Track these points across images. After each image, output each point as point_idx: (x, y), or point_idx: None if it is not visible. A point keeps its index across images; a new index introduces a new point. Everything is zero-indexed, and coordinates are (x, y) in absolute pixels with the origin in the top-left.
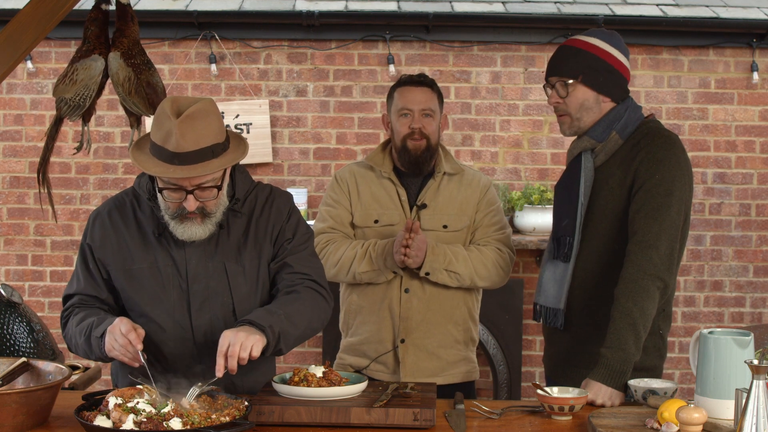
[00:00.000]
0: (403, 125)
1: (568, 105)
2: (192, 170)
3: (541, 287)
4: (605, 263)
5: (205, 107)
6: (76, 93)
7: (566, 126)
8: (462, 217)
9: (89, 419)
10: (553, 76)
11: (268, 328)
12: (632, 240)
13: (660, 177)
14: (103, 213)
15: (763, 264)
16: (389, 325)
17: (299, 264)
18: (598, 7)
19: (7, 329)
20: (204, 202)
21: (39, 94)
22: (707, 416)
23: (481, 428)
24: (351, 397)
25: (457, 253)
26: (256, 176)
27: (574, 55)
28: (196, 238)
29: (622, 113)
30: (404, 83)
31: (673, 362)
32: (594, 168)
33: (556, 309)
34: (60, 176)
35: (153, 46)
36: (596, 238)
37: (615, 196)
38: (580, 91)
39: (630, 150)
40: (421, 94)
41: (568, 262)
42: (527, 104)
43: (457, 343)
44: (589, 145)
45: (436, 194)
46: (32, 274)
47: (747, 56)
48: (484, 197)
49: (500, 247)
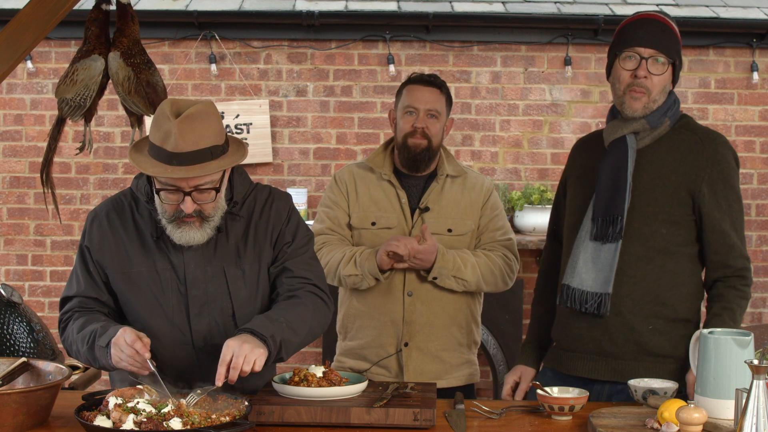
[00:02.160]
0: (406, 123)
1: (655, 84)
2: (190, 171)
3: (574, 270)
4: (650, 248)
5: (204, 109)
6: (76, 93)
7: (641, 104)
8: (466, 221)
9: (89, 419)
10: (650, 49)
11: (270, 338)
12: (732, 253)
13: (732, 182)
14: (101, 215)
15: (763, 264)
16: (391, 329)
17: (299, 268)
18: (598, 7)
19: (7, 329)
20: (201, 205)
21: (39, 94)
22: (707, 416)
23: (481, 428)
24: (351, 397)
25: (466, 260)
26: (256, 176)
27: (671, 36)
28: (194, 243)
29: (674, 102)
30: (414, 81)
31: None
32: (636, 149)
33: (600, 293)
34: (60, 176)
35: (153, 46)
36: (641, 220)
37: (668, 182)
38: (668, 75)
39: (684, 140)
40: (429, 94)
41: (616, 242)
42: (527, 104)
43: (460, 346)
44: (640, 128)
45: (439, 197)
46: (32, 274)
47: (747, 56)
48: (488, 201)
49: (507, 254)
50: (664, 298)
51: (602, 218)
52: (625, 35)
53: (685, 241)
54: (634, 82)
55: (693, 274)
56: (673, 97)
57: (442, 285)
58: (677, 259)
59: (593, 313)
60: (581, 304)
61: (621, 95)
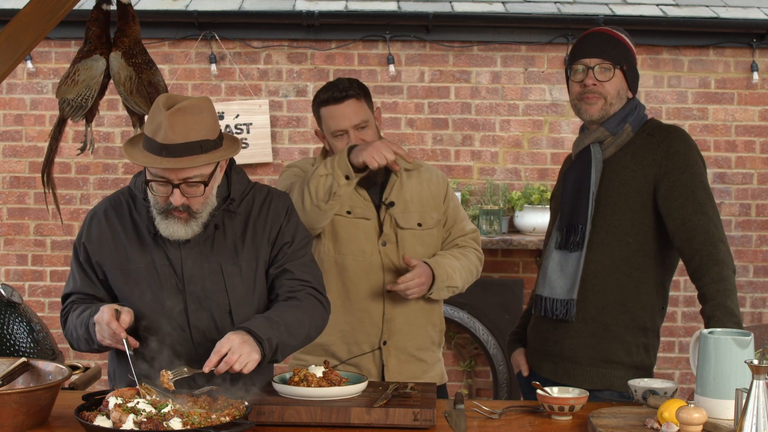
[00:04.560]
0: (342, 145)
1: (607, 89)
2: (178, 162)
3: (545, 278)
4: (617, 256)
5: (198, 103)
6: (78, 93)
7: (597, 108)
8: (433, 213)
9: (89, 419)
10: (593, 58)
11: (266, 341)
12: (696, 238)
13: (692, 170)
14: (99, 213)
15: (763, 264)
16: (368, 325)
17: (299, 270)
18: (598, 7)
19: (7, 329)
20: (189, 199)
21: (39, 94)
22: (707, 416)
23: (481, 428)
24: (351, 397)
25: (453, 267)
26: (256, 176)
27: (615, 44)
28: (178, 238)
29: (634, 108)
30: (327, 102)
31: (673, 362)
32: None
33: (567, 300)
34: (60, 176)
35: (153, 46)
36: (607, 229)
37: (630, 188)
38: (619, 80)
39: (643, 143)
40: (348, 108)
41: (579, 251)
42: (527, 104)
43: (433, 344)
44: (601, 136)
45: (400, 191)
46: (32, 274)
47: (747, 56)
48: (448, 192)
49: (477, 248)
50: (628, 306)
51: (566, 228)
52: (573, 51)
53: (653, 249)
54: (585, 90)
55: (658, 283)
56: (634, 103)
57: (437, 297)
58: (643, 269)
59: (562, 319)
60: (552, 311)
61: (576, 104)
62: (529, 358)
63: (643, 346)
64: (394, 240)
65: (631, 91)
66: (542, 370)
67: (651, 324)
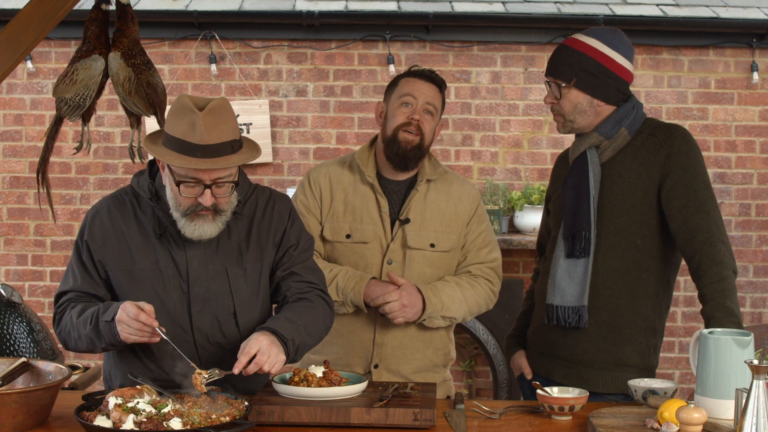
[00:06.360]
0: (401, 114)
1: (562, 107)
2: (215, 163)
3: (555, 287)
4: (627, 259)
5: (224, 103)
6: (76, 93)
7: (559, 125)
8: (451, 235)
9: (89, 419)
10: (547, 76)
11: (290, 342)
12: (696, 238)
13: (694, 170)
14: (102, 211)
15: (763, 264)
16: (359, 348)
17: (306, 273)
18: (598, 7)
19: (7, 329)
20: (218, 199)
21: (39, 94)
22: (707, 416)
23: (481, 428)
24: (351, 397)
25: (453, 297)
26: (256, 176)
27: (570, 56)
28: (207, 237)
29: (631, 111)
30: (414, 74)
31: (673, 362)
32: (600, 164)
33: (578, 307)
34: (60, 176)
35: (153, 46)
36: (614, 233)
37: (636, 190)
38: (573, 95)
39: (645, 144)
40: (429, 88)
41: (587, 257)
42: (527, 104)
43: (435, 367)
44: (596, 141)
45: (422, 207)
46: (32, 274)
47: (747, 56)
48: (476, 213)
49: (492, 279)
50: (639, 307)
51: (570, 236)
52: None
53: (659, 249)
54: (551, 108)
55: (664, 283)
56: (631, 104)
57: (430, 325)
58: (651, 270)
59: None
60: (564, 319)
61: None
62: (536, 361)
63: (653, 347)
64: (401, 259)
65: (604, 100)
66: (553, 374)
67: (659, 324)
